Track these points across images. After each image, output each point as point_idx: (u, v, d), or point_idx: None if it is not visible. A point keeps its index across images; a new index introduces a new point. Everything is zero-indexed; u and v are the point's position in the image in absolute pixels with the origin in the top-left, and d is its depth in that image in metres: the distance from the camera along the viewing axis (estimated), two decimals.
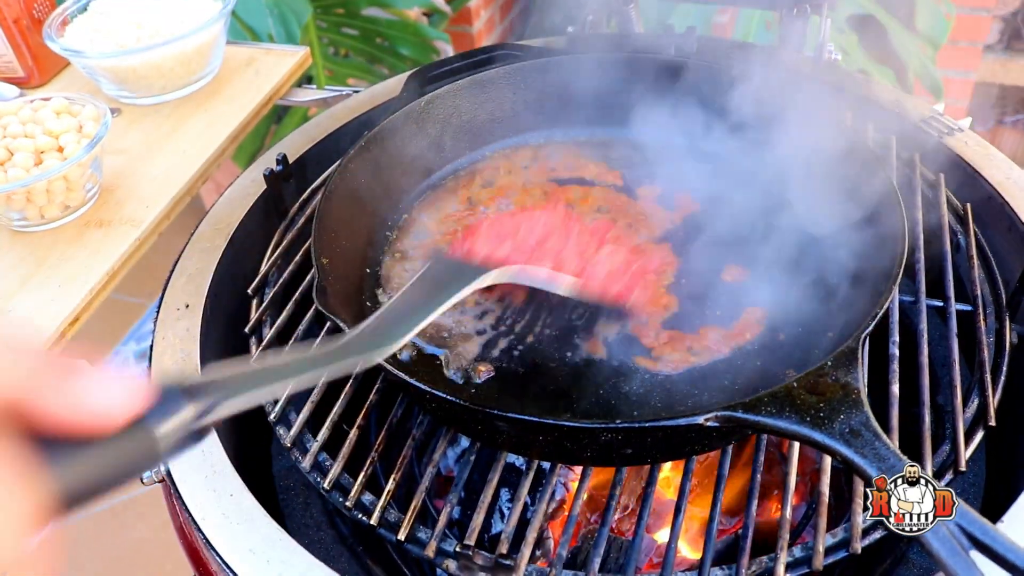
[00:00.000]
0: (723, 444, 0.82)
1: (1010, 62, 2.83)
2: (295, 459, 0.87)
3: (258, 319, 1.01)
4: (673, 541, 0.76)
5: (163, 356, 0.97)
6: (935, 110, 1.18)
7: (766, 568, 0.74)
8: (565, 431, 0.72)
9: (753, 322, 0.92)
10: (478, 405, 0.73)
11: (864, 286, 0.88)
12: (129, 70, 1.32)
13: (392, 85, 1.34)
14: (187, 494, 0.83)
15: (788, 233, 1.00)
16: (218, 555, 0.78)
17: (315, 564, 0.77)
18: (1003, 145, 3.05)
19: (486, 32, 2.89)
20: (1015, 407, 0.94)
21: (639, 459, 0.79)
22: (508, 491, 1.15)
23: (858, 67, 2.19)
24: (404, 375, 0.75)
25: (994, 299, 0.96)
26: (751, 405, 0.67)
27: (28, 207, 1.10)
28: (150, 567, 2.21)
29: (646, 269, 0.97)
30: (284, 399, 0.91)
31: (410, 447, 0.86)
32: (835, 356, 0.71)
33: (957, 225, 1.05)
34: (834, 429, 0.64)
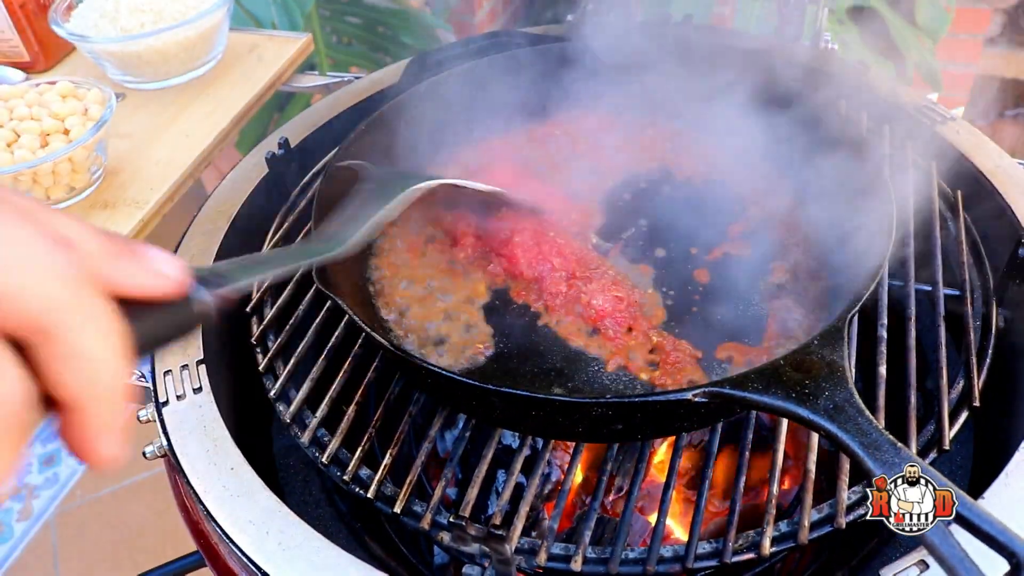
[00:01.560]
0: (713, 422, 0.84)
1: (1011, 55, 2.84)
2: (294, 435, 0.88)
3: (259, 299, 1.03)
4: (662, 517, 0.78)
5: None
6: (928, 99, 1.20)
7: (753, 542, 0.76)
8: (557, 406, 0.74)
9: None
10: (472, 380, 0.75)
11: (853, 270, 0.90)
12: (134, 55, 1.34)
13: (393, 71, 1.35)
14: (188, 468, 0.85)
15: (777, 217, 1.02)
16: (219, 526, 0.80)
17: (313, 535, 0.78)
18: (1003, 138, 3.06)
19: (488, 22, 2.89)
20: (1001, 389, 0.96)
21: (630, 435, 0.81)
22: (504, 473, 1.17)
23: (857, 59, 2.20)
24: (400, 351, 0.77)
25: (982, 284, 0.98)
26: (738, 381, 0.69)
27: (34, 188, 1.12)
28: (151, 550, 2.23)
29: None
30: (285, 377, 0.93)
31: (407, 423, 0.88)
32: (821, 335, 0.72)
33: (947, 211, 1.06)
34: (818, 405, 0.66)
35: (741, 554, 0.76)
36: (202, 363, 0.95)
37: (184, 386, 0.93)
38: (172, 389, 0.92)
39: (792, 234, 1.01)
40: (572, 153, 1.18)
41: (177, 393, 0.92)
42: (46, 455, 2.49)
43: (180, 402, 0.91)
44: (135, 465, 2.11)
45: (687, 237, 1.03)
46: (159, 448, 0.91)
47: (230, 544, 0.79)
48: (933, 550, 0.59)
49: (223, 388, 0.95)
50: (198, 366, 0.94)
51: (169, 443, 0.88)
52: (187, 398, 0.91)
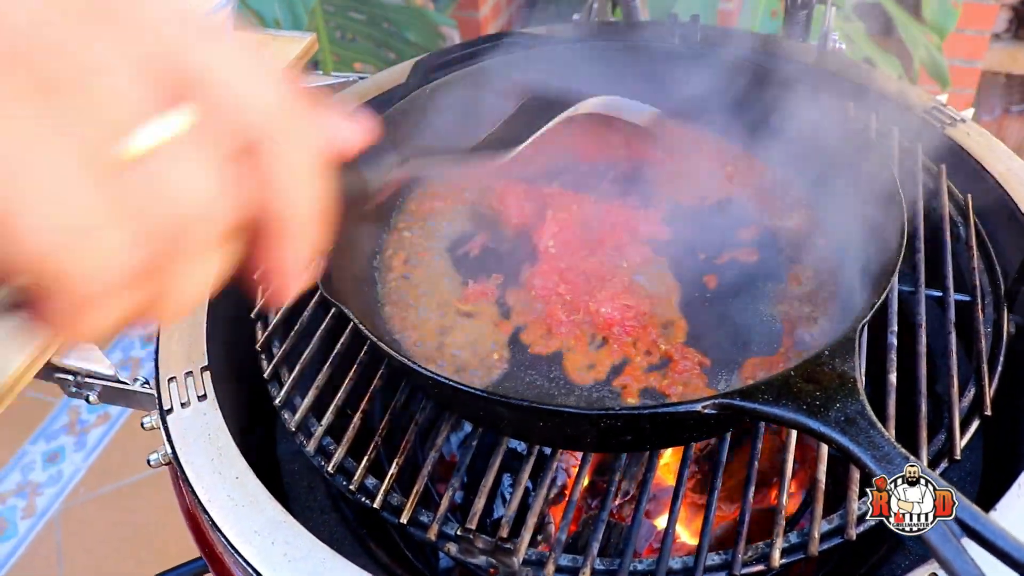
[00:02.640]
0: (722, 432, 0.84)
1: (1017, 51, 2.83)
2: (300, 443, 0.88)
3: (263, 304, 1.02)
4: (671, 526, 0.78)
5: (169, 338, 0.98)
6: (938, 100, 1.19)
7: (762, 553, 0.76)
8: (565, 417, 0.74)
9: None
10: (479, 390, 0.74)
11: (864, 276, 0.89)
12: None
13: (398, 72, 1.34)
14: (193, 476, 0.85)
15: (786, 222, 1.01)
16: (224, 536, 0.79)
17: (319, 545, 0.78)
18: (1010, 134, 3.05)
19: (492, 18, 2.89)
20: (1013, 397, 0.95)
21: (638, 446, 0.80)
22: (510, 477, 1.16)
23: (864, 55, 2.19)
24: (407, 360, 0.76)
25: (993, 289, 0.97)
26: (748, 393, 0.68)
27: None
28: (156, 550, 2.24)
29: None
30: (290, 384, 0.92)
31: (413, 432, 0.87)
32: (833, 345, 0.71)
33: (957, 216, 1.05)
34: (829, 417, 0.65)
35: (750, 566, 0.75)
36: (206, 370, 0.94)
37: (189, 393, 0.92)
38: (177, 396, 0.92)
39: (801, 240, 1.00)
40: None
41: (182, 400, 0.91)
42: (49, 452, 2.49)
43: (184, 409, 0.91)
44: (139, 463, 2.11)
45: (694, 242, 1.02)
46: (163, 456, 0.90)
47: (235, 554, 0.78)
48: (935, 552, 0.59)
49: (228, 395, 0.95)
50: (202, 373, 0.94)
51: (174, 451, 0.87)
52: (191, 405, 0.91)
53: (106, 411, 2.58)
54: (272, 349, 0.97)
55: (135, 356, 2.74)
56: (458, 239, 1.06)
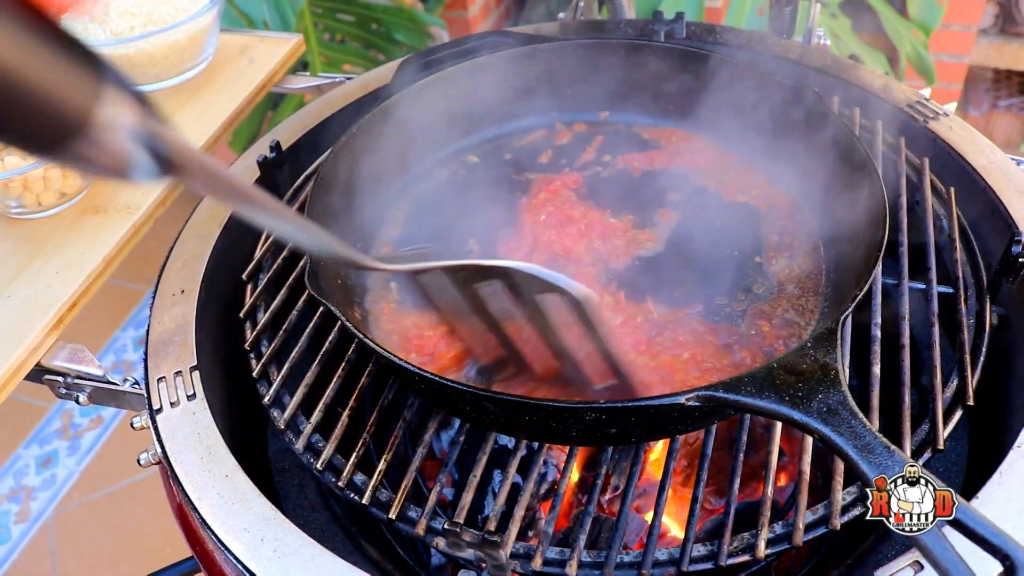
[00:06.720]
0: (707, 424, 0.84)
1: (1004, 46, 2.84)
2: (289, 441, 0.88)
3: (252, 304, 1.02)
4: (656, 519, 0.78)
5: (159, 340, 0.98)
6: (921, 95, 1.20)
7: (748, 544, 0.76)
8: (550, 411, 0.74)
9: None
10: (464, 385, 0.75)
11: (847, 269, 0.90)
12: (123, 58, 1.33)
13: (385, 72, 1.35)
14: (183, 475, 0.85)
15: (769, 216, 1.02)
16: (214, 534, 0.80)
17: (308, 542, 0.78)
18: (997, 129, 3.06)
19: (481, 17, 2.89)
20: (996, 387, 0.96)
21: (624, 439, 0.81)
22: (500, 473, 1.17)
23: (850, 52, 2.20)
24: (394, 357, 0.77)
25: (975, 281, 0.98)
26: (731, 385, 0.69)
27: (25, 195, 1.12)
28: (150, 551, 2.24)
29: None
30: (279, 383, 0.93)
31: (401, 428, 0.88)
32: (815, 337, 0.72)
33: (940, 208, 1.06)
34: (811, 408, 0.66)
35: (736, 556, 0.76)
36: (195, 369, 0.94)
37: (178, 393, 0.92)
38: (166, 396, 0.92)
39: (784, 233, 1.01)
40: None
41: (171, 400, 0.92)
42: (43, 456, 2.49)
43: (174, 409, 0.91)
44: (132, 466, 2.11)
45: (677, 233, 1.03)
46: (153, 455, 0.91)
47: (225, 551, 0.79)
48: (927, 553, 0.60)
49: (217, 394, 0.95)
50: (191, 372, 0.94)
51: (163, 450, 0.88)
52: (181, 405, 0.91)
53: (99, 415, 2.58)
54: (261, 348, 0.98)
55: (127, 359, 2.74)
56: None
